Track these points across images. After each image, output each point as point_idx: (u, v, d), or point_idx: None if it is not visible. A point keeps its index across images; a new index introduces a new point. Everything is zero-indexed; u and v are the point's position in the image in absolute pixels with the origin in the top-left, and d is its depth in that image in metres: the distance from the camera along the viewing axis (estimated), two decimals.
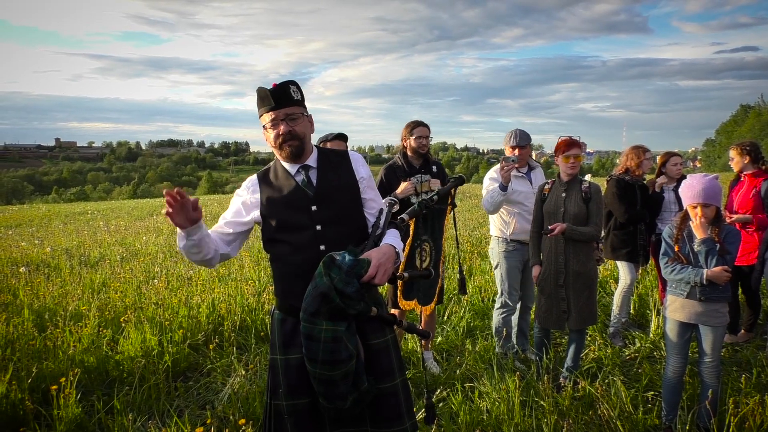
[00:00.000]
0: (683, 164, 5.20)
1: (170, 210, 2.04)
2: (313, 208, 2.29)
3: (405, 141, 4.32)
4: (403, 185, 4.09)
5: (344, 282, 2.03)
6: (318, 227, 2.28)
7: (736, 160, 4.86)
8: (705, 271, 3.16)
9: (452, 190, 3.15)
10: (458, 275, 3.82)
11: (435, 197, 2.76)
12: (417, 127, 4.28)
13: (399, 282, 3.19)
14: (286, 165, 2.37)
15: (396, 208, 2.57)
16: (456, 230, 3.66)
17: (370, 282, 2.11)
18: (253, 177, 2.43)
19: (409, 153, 4.30)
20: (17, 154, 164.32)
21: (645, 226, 5.10)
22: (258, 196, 2.36)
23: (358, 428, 2.31)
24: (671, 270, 3.31)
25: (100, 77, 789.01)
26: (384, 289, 4.40)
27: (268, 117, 2.29)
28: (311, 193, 2.31)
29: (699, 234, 3.21)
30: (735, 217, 4.67)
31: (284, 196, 2.31)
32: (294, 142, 2.28)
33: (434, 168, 4.33)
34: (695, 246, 3.22)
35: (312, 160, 2.37)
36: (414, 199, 4.08)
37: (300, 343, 2.20)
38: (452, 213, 4.14)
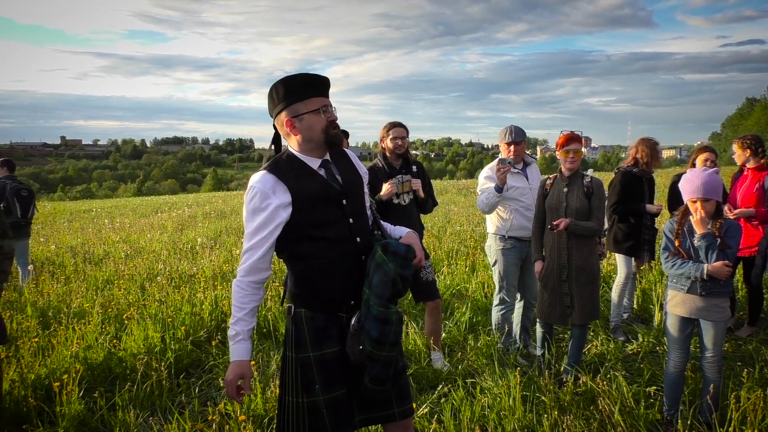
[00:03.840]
0: (714, 162, 5.01)
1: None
2: (344, 201, 2.29)
3: (383, 142, 4.34)
4: (385, 187, 4.10)
5: (403, 267, 2.16)
6: (351, 220, 2.30)
7: (738, 153, 4.84)
8: (705, 266, 3.15)
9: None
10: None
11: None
12: (393, 128, 4.29)
13: None
14: (306, 160, 2.28)
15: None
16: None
17: (418, 265, 2.25)
18: (269, 178, 2.21)
19: (387, 154, 4.31)
20: (23, 152, 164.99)
21: (651, 220, 5.07)
22: (287, 196, 2.20)
23: (386, 411, 2.36)
24: (672, 265, 3.29)
25: (106, 75, 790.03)
26: None
27: (317, 102, 2.24)
28: (338, 187, 2.29)
29: (699, 229, 3.19)
30: (737, 211, 4.65)
31: (316, 192, 2.23)
32: (338, 131, 2.30)
33: (414, 168, 4.35)
34: (695, 241, 3.20)
35: (327, 155, 2.36)
36: (395, 200, 4.18)
37: (335, 336, 2.27)
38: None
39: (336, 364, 2.28)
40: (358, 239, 2.28)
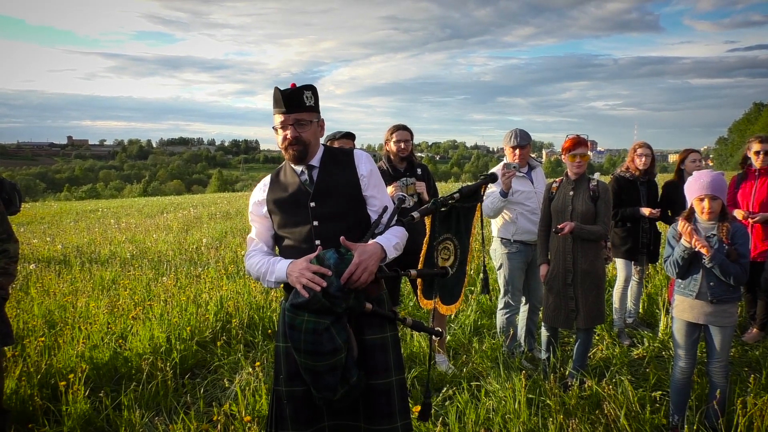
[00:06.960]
0: (701, 161, 5.12)
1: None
2: (312, 204, 2.36)
3: (387, 145, 4.35)
4: (389, 189, 4.09)
5: (328, 281, 2.11)
6: (315, 223, 2.35)
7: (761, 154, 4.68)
8: (683, 243, 3.18)
9: (482, 188, 3.19)
10: (482, 274, 3.77)
11: (456, 195, 2.74)
12: (397, 131, 4.31)
13: (419, 280, 3.14)
14: (293, 164, 2.46)
15: (405, 204, 2.56)
16: (482, 228, 3.61)
17: (351, 281, 2.14)
18: (267, 177, 2.55)
19: (391, 157, 4.33)
20: (30, 152, 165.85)
21: (649, 224, 5.07)
22: (266, 194, 2.47)
23: (354, 422, 2.36)
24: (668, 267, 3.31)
25: (114, 76, 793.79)
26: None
27: (278, 118, 2.36)
28: (310, 191, 2.38)
29: (687, 238, 3.18)
30: (758, 217, 4.62)
31: (288, 194, 2.41)
32: (298, 147, 2.35)
33: (419, 170, 4.35)
34: (706, 263, 3.16)
35: (316, 160, 2.44)
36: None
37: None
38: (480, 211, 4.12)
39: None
40: (317, 242, 2.32)
